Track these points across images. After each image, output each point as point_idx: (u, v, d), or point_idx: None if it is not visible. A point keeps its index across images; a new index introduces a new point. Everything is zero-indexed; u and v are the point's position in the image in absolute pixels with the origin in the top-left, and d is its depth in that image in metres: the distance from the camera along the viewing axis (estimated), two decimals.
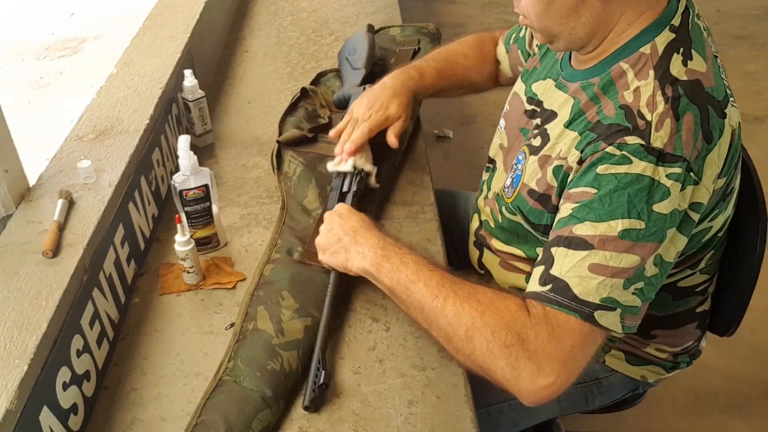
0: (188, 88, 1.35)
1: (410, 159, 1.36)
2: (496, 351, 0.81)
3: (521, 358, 0.80)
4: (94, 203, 1.00)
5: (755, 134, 2.81)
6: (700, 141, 0.82)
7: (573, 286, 0.81)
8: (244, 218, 1.21)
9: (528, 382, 0.80)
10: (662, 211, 0.80)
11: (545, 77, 1.05)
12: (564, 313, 0.81)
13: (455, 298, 0.85)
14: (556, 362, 0.79)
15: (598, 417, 1.44)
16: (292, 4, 2.13)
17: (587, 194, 0.83)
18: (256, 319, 0.97)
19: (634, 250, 0.80)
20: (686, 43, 0.86)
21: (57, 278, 0.86)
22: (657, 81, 0.84)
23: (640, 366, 1.12)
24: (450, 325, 0.85)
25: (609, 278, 0.80)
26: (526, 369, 0.79)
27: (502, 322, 0.82)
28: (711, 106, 0.83)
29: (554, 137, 0.95)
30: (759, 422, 1.76)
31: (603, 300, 0.80)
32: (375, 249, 0.95)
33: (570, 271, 0.82)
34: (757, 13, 4.06)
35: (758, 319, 2.00)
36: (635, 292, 0.81)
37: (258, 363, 0.90)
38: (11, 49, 3.86)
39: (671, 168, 0.80)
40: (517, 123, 1.09)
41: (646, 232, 0.80)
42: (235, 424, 0.83)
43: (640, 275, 0.81)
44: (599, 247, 0.80)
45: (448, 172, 2.71)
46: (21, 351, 0.76)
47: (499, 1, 4.31)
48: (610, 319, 0.81)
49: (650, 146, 0.80)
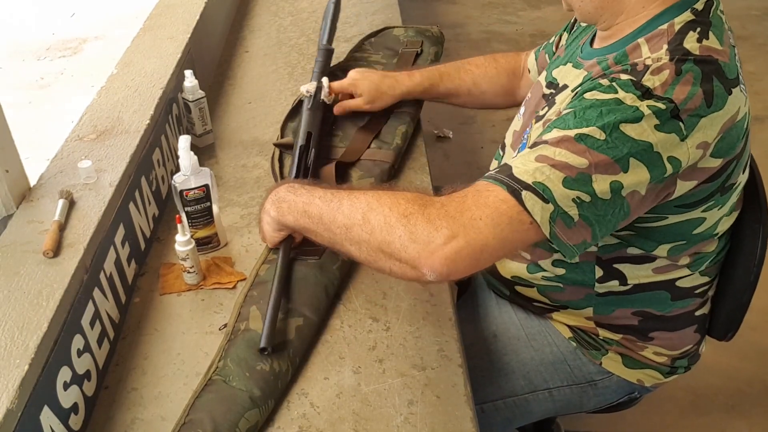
0: (188, 89, 1.35)
1: (410, 159, 1.36)
2: (393, 222, 0.81)
3: (419, 222, 0.79)
4: (94, 203, 1.00)
5: (755, 134, 2.79)
6: (699, 98, 0.80)
7: (513, 168, 0.81)
8: (245, 218, 1.22)
9: (425, 242, 0.78)
10: (628, 133, 0.79)
11: (565, 63, 1.06)
12: (490, 183, 0.80)
13: (350, 195, 0.89)
14: (456, 224, 0.78)
15: (597, 416, 1.45)
16: (293, 4, 2.13)
17: (566, 111, 0.85)
18: (248, 319, 0.97)
19: (585, 155, 0.79)
20: (705, 25, 0.86)
21: (58, 278, 0.87)
22: (669, 52, 0.84)
23: (637, 369, 1.11)
24: (346, 217, 0.86)
25: (549, 166, 0.79)
26: (423, 230, 0.79)
27: (402, 198, 0.83)
28: (717, 78, 0.82)
29: (559, 102, 0.97)
30: (759, 422, 1.77)
31: (535, 183, 0.78)
32: (272, 201, 1.00)
33: (518, 159, 0.83)
34: (756, 13, 4.06)
35: (758, 318, 1.99)
36: (575, 200, 0.78)
37: (248, 363, 0.90)
38: (12, 50, 3.87)
39: (656, 102, 0.79)
40: (534, 108, 1.09)
41: (603, 144, 0.79)
42: (222, 423, 0.83)
43: (585, 182, 0.78)
44: (552, 144, 0.81)
45: (448, 172, 2.71)
46: (22, 351, 0.76)
47: (499, 2, 4.32)
48: (537, 208, 0.78)
49: (639, 82, 0.81)
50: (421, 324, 0.99)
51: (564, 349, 1.12)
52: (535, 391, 1.13)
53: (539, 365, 1.13)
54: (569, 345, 1.12)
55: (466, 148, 2.92)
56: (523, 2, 4.32)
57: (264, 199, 1.03)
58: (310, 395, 0.89)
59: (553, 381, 1.13)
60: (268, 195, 1.02)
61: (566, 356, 1.12)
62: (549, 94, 1.05)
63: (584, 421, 1.64)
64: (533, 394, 1.13)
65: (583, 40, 1.06)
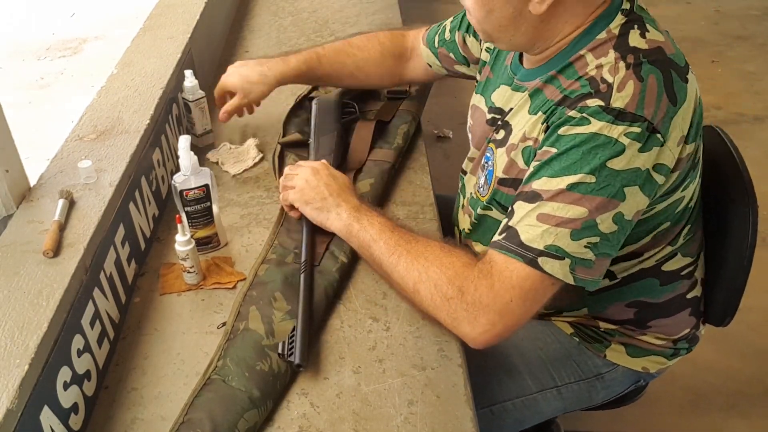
0: (189, 89, 1.35)
1: (410, 159, 1.36)
2: (438, 303, 0.90)
3: (459, 309, 0.88)
4: (94, 203, 1.00)
5: (755, 134, 2.80)
6: (665, 102, 0.83)
7: (521, 233, 0.85)
8: (245, 218, 1.22)
9: (467, 330, 0.88)
10: (615, 167, 0.82)
11: (499, 84, 1.08)
12: (508, 257, 0.85)
13: (407, 255, 0.95)
14: (492, 313, 0.86)
15: (597, 416, 1.45)
16: (293, 4, 2.13)
17: (548, 153, 0.86)
18: (247, 319, 0.97)
19: (582, 203, 0.82)
20: (639, 20, 0.89)
21: (58, 278, 0.87)
22: (618, 53, 0.86)
23: (641, 357, 1.12)
24: (402, 279, 0.95)
25: (554, 227, 0.83)
26: (464, 320, 0.88)
27: (445, 276, 0.89)
28: (674, 70, 0.86)
29: (518, 126, 0.98)
30: (758, 422, 1.77)
31: (547, 247, 0.83)
32: (350, 211, 1.05)
33: (521, 221, 0.86)
34: (756, 13, 4.06)
35: (758, 318, 2.00)
36: (588, 245, 0.83)
37: (247, 363, 0.90)
38: (12, 50, 3.87)
39: (630, 127, 0.81)
40: (482, 134, 1.12)
41: (596, 186, 0.82)
42: (221, 423, 0.83)
43: (592, 229, 0.83)
44: (548, 199, 0.84)
45: (448, 173, 2.70)
46: (22, 351, 0.76)
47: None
48: (557, 267, 0.83)
49: (609, 107, 0.83)
50: (421, 324, 0.99)
51: (568, 346, 1.13)
52: (543, 390, 1.14)
53: (545, 364, 1.13)
54: (572, 341, 1.13)
55: (466, 148, 2.89)
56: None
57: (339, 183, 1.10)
58: (310, 395, 0.89)
59: (560, 378, 1.14)
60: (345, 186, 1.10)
61: (571, 352, 1.13)
62: (494, 119, 1.07)
63: (584, 421, 1.64)
64: (542, 393, 1.14)
65: (508, 59, 1.07)
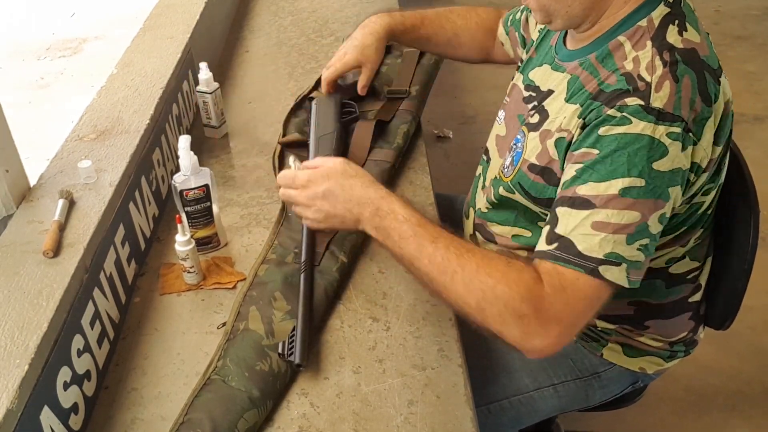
0: (204, 81, 1.37)
1: (410, 159, 1.36)
2: (509, 321, 0.83)
3: (533, 325, 0.82)
4: (94, 203, 1.00)
5: (755, 134, 2.80)
6: (699, 103, 0.83)
7: (577, 243, 0.83)
8: (245, 218, 1.22)
9: (537, 343, 0.83)
10: (661, 169, 0.82)
11: (541, 64, 1.07)
12: (571, 271, 0.82)
13: (463, 273, 0.85)
14: (566, 326, 0.83)
15: (597, 417, 1.45)
16: (293, 4, 2.13)
17: (590, 155, 0.85)
18: (247, 319, 0.97)
19: (635, 207, 0.82)
20: (680, 16, 0.89)
21: (57, 278, 0.87)
22: (654, 48, 0.86)
23: (637, 357, 1.12)
24: (460, 298, 0.86)
25: (611, 234, 0.82)
26: (538, 335, 0.83)
27: (517, 294, 0.83)
28: (707, 72, 0.86)
29: (554, 112, 0.97)
30: (759, 422, 1.76)
31: (607, 255, 0.82)
32: (371, 220, 0.92)
33: (574, 230, 0.84)
34: (756, 13, 4.06)
35: (758, 318, 2.00)
36: (640, 248, 0.83)
37: (247, 363, 0.90)
38: (12, 50, 3.87)
39: (670, 127, 0.82)
40: (515, 111, 1.10)
41: (645, 189, 0.82)
42: (221, 423, 0.83)
43: (643, 231, 0.82)
44: (601, 205, 0.82)
45: (448, 172, 2.71)
46: (22, 351, 0.76)
47: (499, 2, 4.31)
48: (616, 274, 0.82)
49: (649, 106, 0.82)
50: (421, 324, 0.99)
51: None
52: (540, 388, 1.14)
53: (542, 362, 1.13)
54: None
55: (466, 148, 2.92)
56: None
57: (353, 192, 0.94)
58: (310, 395, 0.89)
59: (557, 376, 1.14)
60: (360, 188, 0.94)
61: (568, 351, 1.13)
62: (530, 97, 1.06)
63: (584, 422, 1.64)
64: (539, 391, 1.14)
65: (554, 40, 1.07)
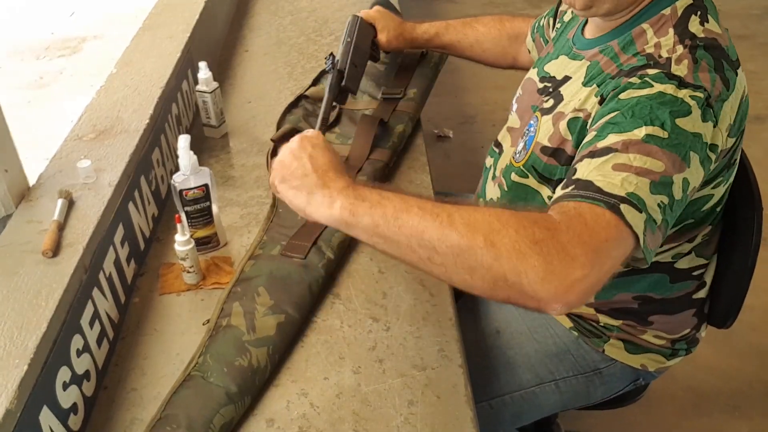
0: (204, 80, 1.37)
1: (410, 159, 1.36)
2: (525, 249, 0.71)
3: (553, 250, 0.70)
4: (94, 203, 1.00)
5: (755, 134, 2.80)
6: (719, 83, 0.83)
7: (596, 182, 0.76)
8: (244, 218, 1.21)
9: (563, 276, 0.70)
10: (684, 127, 0.78)
11: (557, 56, 1.08)
12: (589, 204, 0.74)
13: (462, 212, 0.75)
14: (591, 251, 0.71)
15: (597, 417, 1.45)
16: (292, 3, 2.12)
17: (610, 116, 0.83)
18: (230, 315, 0.97)
19: (659, 156, 0.76)
20: (703, 8, 0.91)
21: (57, 278, 0.86)
22: (676, 36, 0.88)
23: (639, 354, 1.12)
24: (464, 237, 0.73)
25: (634, 175, 0.75)
26: (560, 262, 0.70)
27: (526, 219, 0.73)
28: (725, 60, 0.86)
29: (569, 96, 0.98)
30: (759, 422, 1.76)
31: (629, 194, 0.74)
32: (345, 191, 0.82)
33: (593, 172, 0.77)
34: (757, 12, 4.06)
35: (758, 318, 2.00)
36: (660, 204, 0.75)
37: (226, 359, 0.91)
38: (11, 49, 3.86)
39: (694, 92, 0.81)
40: (529, 102, 1.11)
41: (669, 141, 0.77)
42: (196, 419, 0.83)
43: (667, 186, 0.76)
44: (623, 150, 0.77)
45: (448, 172, 2.71)
46: (21, 351, 0.76)
47: (500, 1, 4.31)
48: (636, 219, 0.73)
49: (671, 73, 0.83)
50: (421, 324, 0.99)
51: (566, 340, 1.13)
52: (541, 383, 1.14)
53: (544, 357, 1.13)
54: (571, 335, 1.13)
55: (466, 147, 2.92)
56: (524, 1, 4.32)
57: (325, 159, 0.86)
58: (310, 395, 0.89)
59: (558, 372, 1.14)
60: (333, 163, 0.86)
61: (569, 346, 1.13)
62: (545, 88, 1.07)
63: (584, 421, 1.64)
64: (540, 387, 1.14)
65: (571, 33, 1.08)
